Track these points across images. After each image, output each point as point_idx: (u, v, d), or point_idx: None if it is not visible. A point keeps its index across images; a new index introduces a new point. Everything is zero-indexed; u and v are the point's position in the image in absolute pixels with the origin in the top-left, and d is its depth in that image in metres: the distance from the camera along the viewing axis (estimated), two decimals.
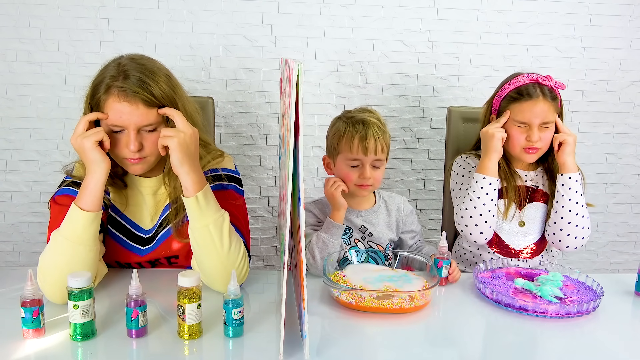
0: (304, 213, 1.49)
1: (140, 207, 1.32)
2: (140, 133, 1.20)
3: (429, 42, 2.12)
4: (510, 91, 1.51)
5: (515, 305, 1.17)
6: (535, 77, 1.48)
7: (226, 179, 1.34)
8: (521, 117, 1.47)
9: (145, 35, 2.03)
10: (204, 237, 1.16)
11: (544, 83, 1.47)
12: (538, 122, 1.46)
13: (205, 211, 1.16)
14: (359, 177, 1.42)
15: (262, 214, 2.25)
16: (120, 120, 1.18)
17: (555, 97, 1.48)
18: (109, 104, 1.18)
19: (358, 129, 1.40)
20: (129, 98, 1.17)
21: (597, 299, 1.19)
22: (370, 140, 1.39)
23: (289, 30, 2.07)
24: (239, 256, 1.19)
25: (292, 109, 0.88)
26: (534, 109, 1.45)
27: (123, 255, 1.32)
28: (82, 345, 0.99)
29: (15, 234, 2.18)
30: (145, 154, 1.22)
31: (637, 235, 2.36)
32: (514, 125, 1.49)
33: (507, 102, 1.51)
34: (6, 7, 1.99)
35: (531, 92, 1.46)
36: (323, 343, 1.03)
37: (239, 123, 2.15)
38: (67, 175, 1.32)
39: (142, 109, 1.18)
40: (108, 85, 1.18)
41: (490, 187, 1.48)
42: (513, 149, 1.52)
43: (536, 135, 1.46)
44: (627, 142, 2.27)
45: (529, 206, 1.56)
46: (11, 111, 2.08)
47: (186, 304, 0.99)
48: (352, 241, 1.47)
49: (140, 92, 1.17)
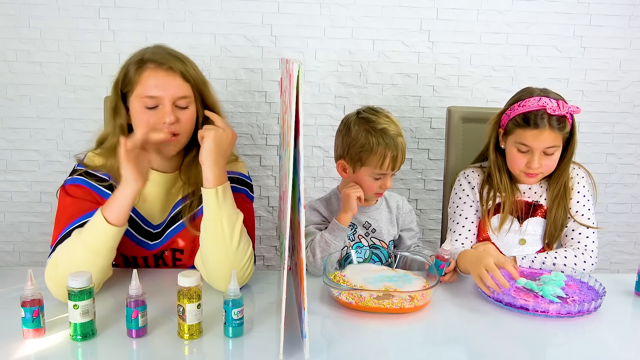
0: (309, 211, 1.50)
1: (152, 203, 1.32)
2: (174, 109, 1.21)
3: (429, 42, 2.12)
4: (517, 114, 1.44)
5: (516, 304, 1.17)
6: (545, 103, 1.40)
7: (238, 183, 1.34)
8: (523, 141, 1.42)
9: (145, 35, 2.03)
10: (216, 229, 1.16)
11: (553, 113, 1.39)
12: (540, 149, 1.42)
13: (222, 205, 1.16)
14: (380, 187, 1.43)
15: (262, 214, 2.25)
16: (156, 90, 1.19)
17: (564, 127, 1.41)
18: (143, 78, 1.20)
19: (390, 147, 1.38)
20: (165, 69, 1.20)
21: (599, 298, 1.19)
22: (399, 158, 1.40)
23: (289, 30, 2.07)
24: (245, 256, 1.19)
25: (293, 109, 0.88)
26: (539, 137, 1.40)
27: (130, 249, 1.32)
28: (82, 345, 0.99)
29: (15, 234, 2.18)
30: (180, 129, 1.22)
31: (637, 235, 2.36)
32: (515, 147, 1.45)
33: (512, 124, 1.45)
34: (6, 7, 1.99)
35: (538, 122, 1.40)
36: (323, 343, 1.03)
37: (239, 123, 2.15)
38: (79, 164, 1.30)
39: (179, 80, 1.21)
40: (140, 63, 1.21)
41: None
42: (513, 170, 1.49)
43: (536, 162, 1.42)
44: (627, 142, 2.27)
45: (530, 221, 1.53)
46: (11, 111, 2.08)
47: (186, 304, 0.99)
48: (356, 237, 1.48)
49: (175, 64, 1.22)
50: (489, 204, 1.53)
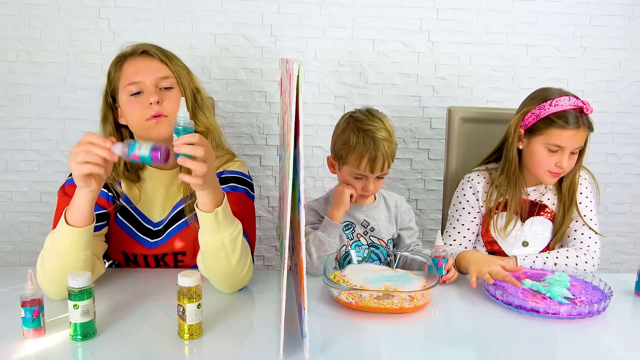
0: (306, 211, 1.50)
1: (151, 200, 1.32)
2: (158, 91, 1.22)
3: (429, 42, 2.12)
4: (551, 114, 1.41)
5: (527, 307, 1.17)
6: (577, 103, 1.42)
7: (239, 183, 1.34)
8: (557, 141, 1.41)
9: (145, 35, 2.03)
10: (217, 249, 1.13)
11: (587, 113, 1.42)
12: (572, 149, 1.42)
13: (222, 225, 1.11)
14: (362, 189, 1.42)
15: (262, 214, 2.25)
16: (137, 75, 1.21)
17: (592, 127, 1.44)
18: (124, 70, 1.23)
19: (369, 148, 1.36)
20: (140, 54, 1.24)
21: (607, 299, 1.19)
22: (378, 161, 1.37)
23: (289, 30, 2.07)
24: (244, 270, 1.19)
25: (293, 109, 0.88)
26: (575, 136, 1.40)
27: (130, 246, 1.32)
28: (82, 345, 0.99)
29: (15, 234, 2.18)
30: (166, 111, 1.22)
31: (637, 235, 2.36)
32: (546, 147, 1.43)
33: (545, 123, 1.42)
34: (6, 7, 1.99)
35: (576, 121, 1.40)
36: (323, 343, 1.03)
37: (239, 123, 2.15)
38: None
39: (157, 63, 1.24)
40: (118, 59, 1.25)
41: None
42: (537, 170, 1.46)
43: (566, 161, 1.42)
44: (627, 142, 2.27)
45: (534, 220, 1.53)
46: (11, 111, 2.08)
47: (186, 303, 0.99)
48: (355, 236, 1.48)
49: (149, 48, 1.25)
50: (496, 203, 1.52)
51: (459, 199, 1.58)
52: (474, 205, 1.55)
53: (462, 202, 1.57)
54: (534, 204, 1.53)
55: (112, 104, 1.30)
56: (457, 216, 1.56)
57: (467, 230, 1.55)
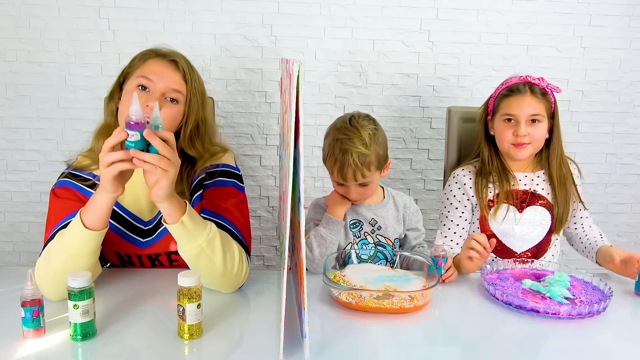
0: (314, 208, 1.51)
1: (138, 199, 1.31)
2: (162, 99, 1.22)
3: (429, 42, 2.12)
4: (501, 90, 1.55)
5: (527, 307, 1.17)
6: (527, 78, 1.53)
7: (225, 176, 1.33)
8: (508, 110, 1.50)
9: (145, 35, 2.03)
10: (197, 256, 1.12)
11: (534, 82, 1.51)
12: (525, 116, 1.48)
13: (193, 232, 1.09)
14: (346, 194, 1.43)
15: (262, 214, 2.25)
16: (154, 75, 1.21)
17: (546, 95, 1.51)
18: (147, 64, 1.23)
19: (338, 158, 1.36)
20: (169, 60, 1.24)
21: (607, 299, 1.19)
22: (348, 171, 1.36)
23: (289, 30, 2.07)
24: (234, 268, 1.17)
25: (293, 109, 0.88)
26: (521, 103, 1.49)
27: (122, 246, 1.32)
28: (82, 345, 0.99)
29: (15, 234, 2.18)
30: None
31: (637, 235, 2.36)
32: (502, 120, 1.52)
33: (498, 100, 1.55)
34: (6, 7, 1.99)
35: (520, 88, 1.50)
36: (323, 343, 1.03)
37: (239, 123, 2.15)
38: (67, 167, 1.32)
39: (178, 77, 1.24)
40: (149, 52, 1.25)
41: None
42: (502, 146, 1.54)
43: (523, 129, 1.48)
44: (627, 142, 2.27)
45: (529, 209, 1.55)
46: (11, 111, 2.08)
47: (186, 303, 0.99)
48: (362, 234, 1.48)
49: (181, 61, 1.25)
50: (487, 195, 1.55)
51: (446, 195, 1.62)
52: (460, 200, 1.58)
53: (449, 199, 1.60)
54: (526, 192, 1.56)
55: (121, 84, 1.30)
56: (447, 213, 1.60)
57: (456, 226, 1.58)
